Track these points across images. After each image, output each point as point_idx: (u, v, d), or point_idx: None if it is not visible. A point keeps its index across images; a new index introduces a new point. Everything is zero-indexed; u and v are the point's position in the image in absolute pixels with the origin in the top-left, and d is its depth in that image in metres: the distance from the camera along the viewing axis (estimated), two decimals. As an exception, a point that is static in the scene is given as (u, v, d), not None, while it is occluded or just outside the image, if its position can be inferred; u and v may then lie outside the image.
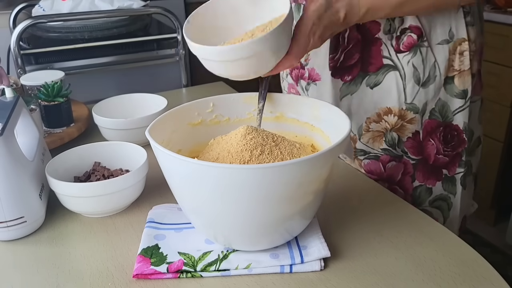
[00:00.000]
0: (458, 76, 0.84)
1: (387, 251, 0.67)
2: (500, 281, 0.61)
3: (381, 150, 0.89)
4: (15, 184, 0.69)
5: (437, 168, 0.89)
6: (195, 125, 0.75)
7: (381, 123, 0.87)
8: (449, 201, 0.92)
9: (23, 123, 0.82)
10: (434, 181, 0.90)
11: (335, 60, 0.86)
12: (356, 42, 0.84)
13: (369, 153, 0.90)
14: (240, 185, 0.55)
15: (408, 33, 0.81)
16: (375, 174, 0.91)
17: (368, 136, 0.89)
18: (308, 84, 0.93)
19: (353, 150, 0.91)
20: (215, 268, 0.63)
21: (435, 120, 0.86)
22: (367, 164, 0.91)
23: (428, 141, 0.87)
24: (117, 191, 0.74)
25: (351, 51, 0.85)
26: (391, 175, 0.90)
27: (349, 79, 0.87)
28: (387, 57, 0.84)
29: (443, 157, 0.88)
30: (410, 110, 0.85)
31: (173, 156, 0.56)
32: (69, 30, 1.61)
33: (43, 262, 0.67)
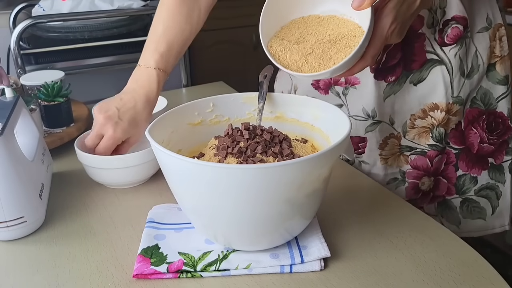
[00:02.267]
0: (499, 62, 0.83)
1: (387, 251, 0.67)
2: (500, 281, 0.61)
3: (428, 145, 0.87)
4: (15, 184, 0.69)
5: (482, 157, 0.88)
6: (195, 125, 0.75)
7: (426, 119, 0.85)
8: (497, 190, 0.91)
9: (23, 123, 0.82)
10: (479, 170, 0.89)
11: (377, 62, 0.84)
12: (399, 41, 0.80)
13: (416, 149, 0.88)
14: (240, 185, 0.55)
15: (452, 24, 0.79)
16: (422, 169, 0.89)
17: (414, 133, 0.87)
18: (346, 89, 0.89)
19: (397, 147, 0.89)
20: (215, 268, 0.63)
21: (477, 109, 0.85)
22: (413, 160, 0.89)
23: (470, 130, 0.86)
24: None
25: (393, 51, 0.82)
26: (436, 169, 0.89)
27: (392, 80, 0.85)
28: (431, 52, 0.81)
29: (488, 146, 0.87)
30: (456, 103, 0.83)
31: (173, 156, 0.56)
32: (69, 30, 1.61)
33: (43, 262, 0.67)
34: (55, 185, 0.86)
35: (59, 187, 0.85)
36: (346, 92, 0.90)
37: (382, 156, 0.91)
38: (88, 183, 0.86)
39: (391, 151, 0.90)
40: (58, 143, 0.97)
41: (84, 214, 0.77)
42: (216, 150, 0.66)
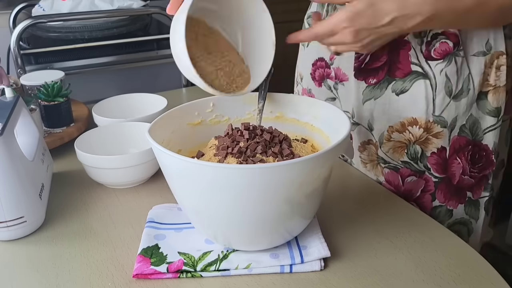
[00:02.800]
0: (492, 92, 0.77)
1: (387, 251, 0.67)
2: (500, 281, 0.61)
3: (401, 162, 0.83)
4: (15, 184, 0.69)
5: (461, 190, 0.83)
6: (195, 125, 0.75)
7: (404, 133, 0.81)
8: (469, 226, 0.86)
9: (23, 123, 0.82)
10: (456, 203, 0.84)
11: (360, 61, 0.81)
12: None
13: (389, 163, 0.85)
14: (240, 185, 0.55)
15: (442, 39, 0.75)
16: (393, 185, 0.85)
17: (389, 146, 0.83)
18: (337, 84, 0.89)
19: (375, 156, 0.86)
20: (215, 268, 0.63)
21: (465, 138, 0.80)
22: (387, 173, 0.85)
23: (454, 159, 0.81)
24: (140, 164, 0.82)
25: (378, 53, 0.79)
26: (409, 190, 0.84)
27: (373, 82, 0.82)
28: (416, 64, 0.77)
29: (469, 179, 0.82)
30: (437, 123, 0.79)
31: (173, 156, 0.56)
32: (69, 30, 1.61)
33: (43, 262, 0.67)
34: (55, 185, 0.86)
35: (59, 187, 0.85)
36: (336, 87, 0.89)
37: (361, 159, 0.89)
38: (88, 183, 0.86)
39: (369, 158, 0.88)
40: (58, 143, 0.97)
41: (84, 214, 0.77)
42: (216, 150, 0.66)
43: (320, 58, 0.91)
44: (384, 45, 0.75)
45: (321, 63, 0.91)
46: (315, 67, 0.93)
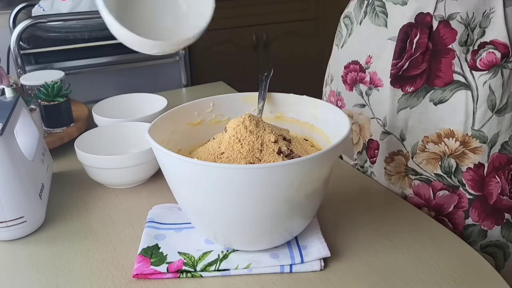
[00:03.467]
0: None
1: (387, 251, 0.67)
2: (500, 281, 0.61)
3: (434, 175, 0.79)
4: (15, 184, 0.69)
5: (498, 210, 0.78)
6: (195, 125, 0.75)
7: (439, 145, 0.77)
8: (506, 251, 0.80)
9: (23, 123, 0.82)
10: (491, 223, 0.78)
11: (398, 68, 0.78)
12: (425, 50, 0.75)
13: (421, 175, 0.80)
14: (240, 185, 0.55)
15: (489, 49, 0.71)
16: (423, 199, 0.81)
17: (423, 157, 0.79)
18: (370, 89, 0.85)
19: (404, 167, 0.82)
20: (215, 268, 0.63)
21: (506, 155, 0.75)
22: (416, 185, 0.81)
23: (492, 178, 0.76)
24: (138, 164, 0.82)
25: (418, 60, 0.76)
26: (441, 205, 0.80)
27: (410, 91, 0.78)
28: (459, 73, 0.73)
29: (508, 200, 0.77)
30: (476, 137, 0.74)
31: (173, 156, 0.56)
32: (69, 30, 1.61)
33: (43, 262, 0.67)
34: (55, 185, 0.86)
35: (59, 187, 0.85)
36: (369, 92, 0.85)
37: (386, 171, 0.85)
38: (88, 183, 0.86)
39: (396, 169, 0.84)
40: (58, 143, 0.97)
41: (84, 214, 0.77)
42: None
43: (354, 61, 0.87)
44: (425, 52, 0.74)
45: (354, 66, 0.87)
46: (347, 69, 0.89)
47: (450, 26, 0.73)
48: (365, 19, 0.84)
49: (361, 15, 0.86)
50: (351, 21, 0.89)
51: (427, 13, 0.74)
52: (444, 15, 0.73)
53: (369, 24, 0.83)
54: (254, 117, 0.65)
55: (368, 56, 0.84)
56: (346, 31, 0.90)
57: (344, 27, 0.92)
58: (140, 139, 0.89)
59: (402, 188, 0.84)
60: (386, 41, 0.80)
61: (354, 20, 0.88)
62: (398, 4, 0.78)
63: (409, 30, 0.76)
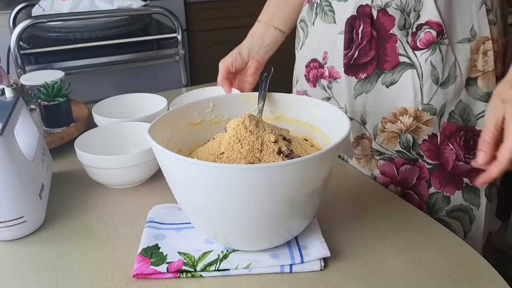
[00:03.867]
0: (481, 77, 0.79)
1: (387, 251, 0.67)
2: (500, 281, 0.61)
3: (395, 152, 0.85)
4: (15, 184, 0.69)
5: (456, 176, 0.84)
6: (195, 125, 0.75)
7: (396, 123, 0.83)
8: (471, 213, 0.86)
9: (23, 123, 0.82)
10: (452, 189, 0.84)
11: (349, 57, 0.84)
12: (370, 38, 0.81)
13: (384, 154, 0.86)
14: (240, 185, 0.55)
15: (426, 29, 0.78)
16: (389, 176, 0.87)
17: (383, 137, 0.85)
18: (330, 83, 0.90)
19: (369, 150, 0.88)
20: (215, 268, 0.63)
21: (455, 124, 0.81)
22: (382, 165, 0.87)
23: (446, 146, 0.82)
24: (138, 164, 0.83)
25: (366, 48, 0.82)
26: (405, 179, 0.86)
27: (363, 77, 0.84)
28: (404, 55, 0.80)
29: (464, 164, 0.83)
30: (426, 111, 0.81)
31: (173, 156, 0.56)
32: (69, 30, 1.61)
33: (43, 262, 0.67)
34: (55, 185, 0.86)
35: (59, 187, 0.85)
36: (330, 85, 0.91)
37: (355, 155, 0.90)
38: (88, 183, 0.86)
39: (363, 152, 0.89)
40: (58, 143, 0.97)
41: (84, 214, 0.77)
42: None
43: (313, 59, 0.93)
44: (371, 40, 0.81)
45: (314, 64, 0.93)
46: (308, 68, 0.95)
47: (388, 13, 0.79)
48: (317, 20, 0.90)
49: (313, 17, 0.91)
50: (306, 24, 0.95)
51: (366, 4, 0.81)
52: (381, 4, 0.80)
53: (320, 23, 0.89)
54: (254, 117, 0.65)
55: (324, 52, 0.90)
56: (303, 34, 0.96)
57: (301, 31, 0.97)
58: (140, 139, 0.89)
59: (371, 170, 0.89)
60: (337, 36, 0.86)
61: (308, 22, 0.93)
62: (341, 1, 0.84)
63: (353, 22, 0.82)
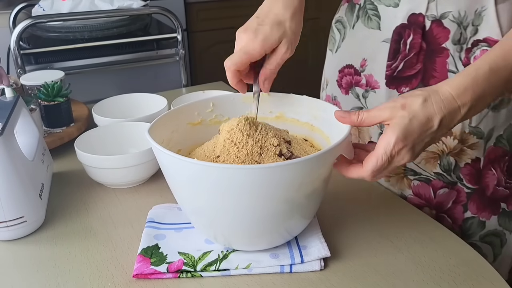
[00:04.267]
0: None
1: (387, 251, 0.67)
2: (500, 281, 0.61)
3: (434, 174, 0.79)
4: (15, 184, 0.69)
5: (494, 201, 0.80)
6: (195, 124, 0.75)
7: (438, 144, 0.77)
8: (503, 237, 0.82)
9: (23, 123, 0.82)
10: (489, 214, 0.80)
11: (393, 69, 0.78)
12: (419, 50, 0.75)
13: (420, 175, 0.81)
14: (240, 185, 0.55)
15: (483, 46, 0.71)
16: (424, 198, 0.82)
17: (421, 157, 0.79)
18: (367, 92, 0.84)
19: (402, 168, 0.82)
20: (215, 268, 0.63)
21: (501, 148, 0.76)
22: (416, 185, 0.81)
23: (488, 170, 0.77)
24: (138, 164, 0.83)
25: (412, 60, 0.76)
26: (440, 203, 0.81)
27: (406, 91, 0.77)
28: (454, 72, 0.73)
29: (504, 190, 0.79)
30: (473, 134, 0.75)
31: (173, 156, 0.56)
32: (69, 30, 1.61)
33: (43, 262, 0.67)
34: (55, 185, 0.86)
35: (59, 187, 0.85)
36: (366, 95, 0.85)
37: None
38: (88, 183, 0.86)
39: (395, 171, 0.83)
40: (58, 143, 0.97)
41: (84, 214, 0.77)
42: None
43: (349, 65, 0.87)
44: (419, 53, 0.74)
45: (349, 70, 0.87)
46: (342, 73, 0.89)
47: (443, 25, 0.73)
48: (358, 23, 0.84)
49: (353, 19, 0.85)
50: (343, 26, 0.89)
51: (419, 13, 0.74)
52: (436, 15, 0.73)
53: (362, 27, 0.83)
54: (252, 119, 0.64)
55: (363, 59, 0.83)
56: (339, 36, 0.90)
57: (336, 32, 0.92)
58: (140, 139, 0.89)
59: (401, 189, 0.84)
60: (380, 43, 0.80)
61: (347, 24, 0.88)
62: (390, 6, 0.78)
63: (402, 31, 0.76)
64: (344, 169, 0.62)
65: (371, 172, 0.59)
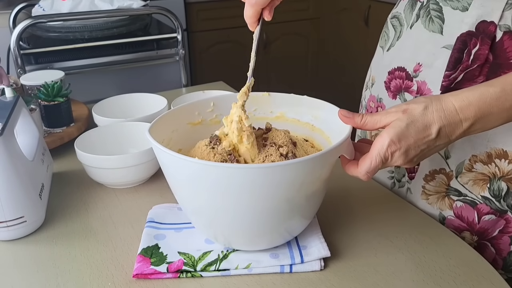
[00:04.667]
0: None
1: (387, 251, 0.67)
2: (500, 281, 0.61)
3: (481, 197, 0.72)
4: (15, 184, 0.69)
5: None
6: (196, 124, 0.75)
7: (490, 166, 0.70)
8: None
9: (23, 123, 0.82)
10: None
11: (451, 79, 0.71)
12: (483, 62, 0.68)
13: (465, 196, 0.73)
14: (240, 185, 0.55)
15: None
16: (466, 222, 0.74)
17: (469, 177, 0.72)
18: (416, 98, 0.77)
19: (445, 187, 0.75)
20: (215, 268, 0.63)
21: None
22: (458, 207, 0.74)
23: None
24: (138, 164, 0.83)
25: (474, 73, 0.69)
26: (485, 229, 0.73)
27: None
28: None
29: None
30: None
31: (173, 155, 0.56)
32: (69, 30, 1.61)
33: (43, 262, 0.67)
34: (55, 185, 0.86)
35: (59, 187, 0.85)
36: None
37: (425, 189, 0.78)
38: (88, 183, 0.86)
39: (436, 189, 0.77)
40: (58, 143, 0.97)
41: (84, 214, 0.77)
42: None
43: (400, 68, 0.80)
44: (483, 65, 0.68)
45: (400, 73, 0.80)
46: (392, 76, 0.82)
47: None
48: (417, 23, 0.77)
49: (412, 18, 0.79)
50: (400, 23, 0.82)
51: (491, 21, 0.67)
52: (510, 26, 0.66)
53: (421, 28, 0.76)
54: (260, 133, 0.65)
55: (418, 63, 0.77)
56: (394, 33, 0.83)
57: (391, 29, 0.84)
58: (140, 139, 0.89)
59: (440, 209, 0.77)
60: (440, 49, 0.73)
61: (404, 22, 0.81)
62: (457, 10, 0.70)
63: (468, 39, 0.69)
64: (343, 165, 0.64)
65: (365, 173, 0.60)
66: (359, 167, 0.60)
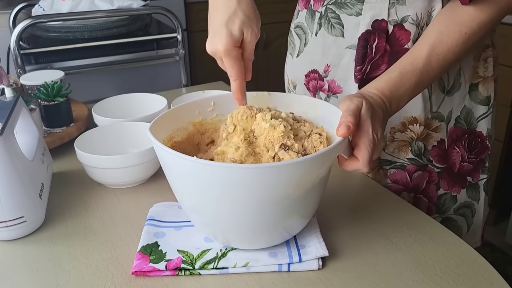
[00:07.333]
0: (482, 82, 0.84)
1: (387, 250, 0.67)
2: (500, 281, 0.61)
3: (407, 159, 0.86)
4: (15, 184, 0.69)
5: (461, 176, 0.88)
6: (196, 123, 0.75)
7: (406, 132, 0.85)
8: (472, 208, 0.92)
9: (23, 123, 0.82)
10: (459, 188, 0.89)
11: (362, 72, 0.84)
12: (383, 52, 0.81)
13: (395, 163, 0.87)
14: (239, 184, 0.55)
15: None
16: (401, 184, 0.88)
17: (394, 146, 0.86)
18: (328, 97, 0.91)
19: (377, 161, 0.88)
20: (213, 266, 0.63)
21: (460, 128, 0.85)
22: (393, 174, 0.88)
23: (453, 149, 0.86)
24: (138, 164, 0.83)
25: (378, 62, 0.82)
26: (416, 185, 0.88)
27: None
28: None
29: (468, 165, 0.88)
30: (435, 118, 0.83)
31: (174, 154, 0.56)
32: (69, 30, 1.61)
33: (43, 262, 0.67)
34: (55, 185, 0.86)
35: (59, 187, 0.85)
36: (327, 100, 0.90)
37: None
38: (88, 183, 0.86)
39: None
40: (58, 143, 0.97)
41: (84, 214, 0.77)
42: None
43: (314, 70, 0.92)
44: (383, 55, 0.81)
45: (314, 75, 0.92)
46: (308, 78, 0.94)
47: (404, 28, 0.79)
48: (321, 30, 0.88)
49: (315, 26, 0.89)
50: (304, 31, 0.93)
51: (382, 19, 0.80)
52: (397, 19, 0.79)
53: (326, 35, 0.87)
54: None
55: (327, 65, 0.88)
56: (299, 41, 0.94)
57: (296, 37, 0.95)
58: (140, 139, 0.89)
59: (379, 181, 0.89)
60: (344, 50, 0.85)
61: (308, 30, 0.91)
62: (352, 15, 0.83)
63: (368, 37, 0.81)
64: (341, 164, 0.65)
65: (367, 162, 0.62)
66: (361, 160, 0.62)
